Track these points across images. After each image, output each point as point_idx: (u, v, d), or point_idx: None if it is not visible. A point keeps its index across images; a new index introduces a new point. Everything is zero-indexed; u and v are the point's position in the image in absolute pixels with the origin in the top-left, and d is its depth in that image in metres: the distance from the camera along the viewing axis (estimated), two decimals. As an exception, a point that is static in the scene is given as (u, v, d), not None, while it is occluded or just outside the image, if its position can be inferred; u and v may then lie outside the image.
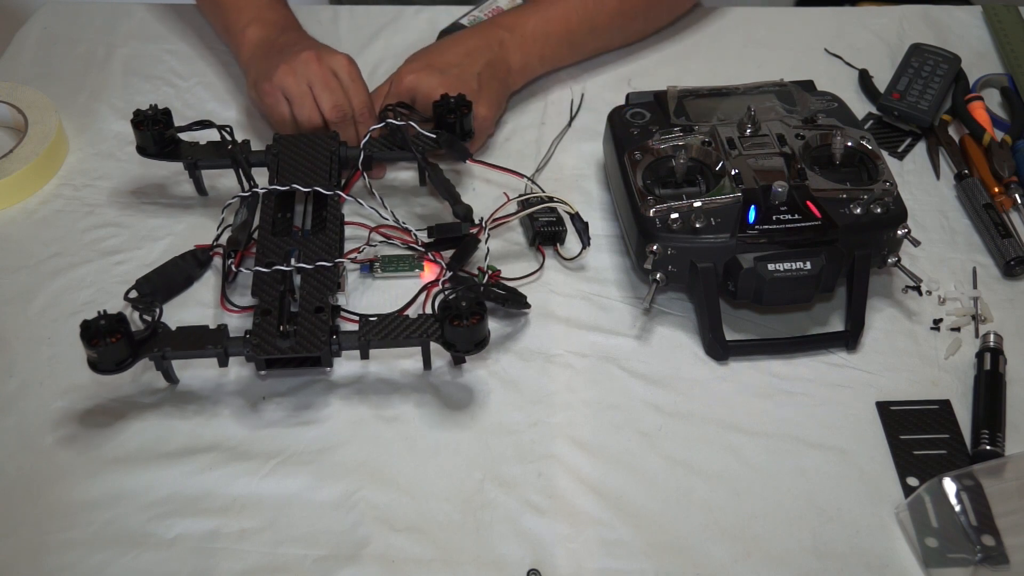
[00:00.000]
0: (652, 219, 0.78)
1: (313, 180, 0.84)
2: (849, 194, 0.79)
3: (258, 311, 0.75)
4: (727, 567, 0.68)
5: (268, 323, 0.74)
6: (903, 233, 0.79)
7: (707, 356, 0.80)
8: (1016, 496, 0.69)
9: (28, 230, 0.91)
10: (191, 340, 0.74)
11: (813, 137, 0.84)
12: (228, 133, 0.88)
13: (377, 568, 0.68)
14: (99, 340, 0.71)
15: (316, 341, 0.73)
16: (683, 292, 0.84)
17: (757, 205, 0.78)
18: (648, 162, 0.83)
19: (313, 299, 0.76)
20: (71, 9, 1.15)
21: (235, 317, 0.82)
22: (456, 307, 0.72)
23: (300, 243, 0.81)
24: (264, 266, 0.78)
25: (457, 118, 0.87)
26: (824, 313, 0.83)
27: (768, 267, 0.76)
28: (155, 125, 0.86)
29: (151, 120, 0.86)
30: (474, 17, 1.05)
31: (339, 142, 0.88)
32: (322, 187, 0.84)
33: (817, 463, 0.74)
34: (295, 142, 0.88)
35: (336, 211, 0.83)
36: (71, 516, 0.71)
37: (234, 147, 0.87)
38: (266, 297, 0.76)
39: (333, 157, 0.87)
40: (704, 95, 0.90)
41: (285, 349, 0.73)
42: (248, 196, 0.84)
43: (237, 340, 0.74)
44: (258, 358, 0.74)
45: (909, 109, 0.98)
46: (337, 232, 0.82)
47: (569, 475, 0.73)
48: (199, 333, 0.75)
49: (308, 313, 0.75)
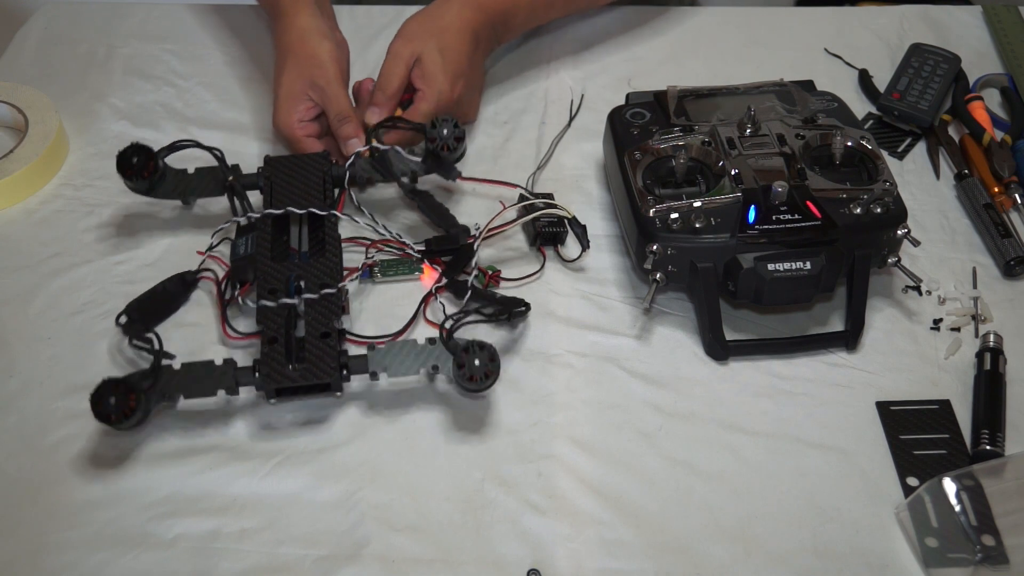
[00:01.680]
0: (652, 219, 0.78)
1: (306, 201, 0.83)
2: (849, 194, 0.79)
3: (264, 339, 0.75)
4: (727, 567, 0.68)
5: (275, 351, 0.74)
6: (903, 233, 0.79)
7: (707, 356, 0.80)
8: (1016, 496, 0.69)
9: (28, 230, 0.91)
10: (200, 381, 0.73)
11: (813, 137, 0.84)
12: (218, 156, 0.86)
13: (377, 568, 0.68)
14: (115, 417, 0.70)
15: (326, 368, 0.73)
16: (683, 292, 0.84)
17: (757, 205, 0.78)
18: (648, 162, 0.83)
19: (319, 324, 0.76)
20: (71, 9, 1.15)
21: (234, 341, 0.81)
22: (470, 367, 0.72)
23: (301, 268, 0.79)
24: (268, 296, 0.77)
25: (447, 150, 0.84)
26: (824, 313, 0.83)
27: (768, 267, 0.76)
28: (143, 169, 0.83)
29: (138, 166, 0.82)
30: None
31: (330, 162, 0.87)
32: (316, 208, 0.82)
33: (817, 463, 0.74)
34: (286, 164, 0.86)
35: (334, 232, 0.82)
36: (71, 516, 0.71)
37: (234, 179, 0.85)
38: (271, 325, 0.76)
39: (325, 177, 0.85)
40: (704, 95, 0.90)
41: (296, 378, 0.73)
42: (247, 227, 0.83)
43: (246, 371, 0.74)
44: (269, 388, 0.74)
45: (909, 109, 0.98)
46: (336, 254, 0.81)
47: (569, 475, 0.73)
48: (207, 371, 0.74)
49: (315, 339, 0.75)
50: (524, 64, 1.07)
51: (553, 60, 1.08)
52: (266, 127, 0.99)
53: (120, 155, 0.83)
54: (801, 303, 0.82)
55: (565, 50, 1.09)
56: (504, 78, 1.06)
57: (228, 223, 0.84)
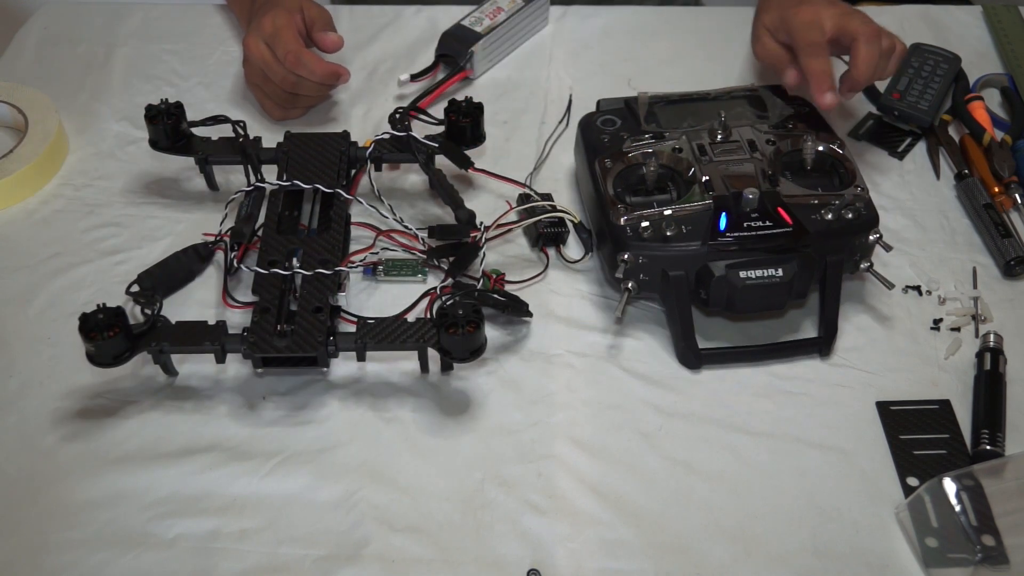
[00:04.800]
0: (623, 227, 0.78)
1: (321, 179, 0.84)
2: (820, 200, 0.79)
3: (257, 309, 0.75)
4: (727, 567, 0.68)
5: (266, 321, 0.74)
6: (875, 238, 0.79)
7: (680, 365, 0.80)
8: (1016, 496, 0.69)
9: (28, 230, 0.91)
10: (189, 335, 0.74)
11: (784, 143, 0.84)
12: (241, 128, 0.88)
13: (377, 568, 0.68)
14: (97, 334, 0.71)
15: (313, 341, 0.73)
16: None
17: (728, 212, 0.77)
18: (619, 170, 0.83)
19: (313, 299, 0.76)
20: (71, 9, 1.15)
21: (236, 313, 0.82)
22: (453, 315, 0.72)
23: (304, 242, 0.81)
24: (265, 266, 0.78)
25: (470, 123, 0.86)
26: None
27: (740, 274, 0.76)
28: (168, 119, 0.86)
29: (164, 114, 0.86)
30: (475, 18, 1.05)
31: (350, 142, 0.88)
32: (328, 186, 0.84)
33: (817, 463, 0.74)
34: (305, 140, 0.88)
35: (341, 211, 0.83)
36: (71, 516, 0.71)
37: (245, 140, 0.87)
38: (266, 295, 0.76)
39: (342, 156, 0.87)
40: (675, 101, 0.89)
41: (281, 348, 0.73)
42: (252, 190, 0.84)
43: (235, 337, 0.74)
44: (254, 356, 0.74)
45: (909, 109, 0.98)
46: (341, 232, 0.82)
47: (569, 475, 0.73)
48: (197, 328, 0.75)
49: (307, 313, 0.75)
50: (524, 64, 1.07)
51: (553, 60, 1.08)
52: (267, 127, 0.99)
53: (150, 105, 0.87)
54: (774, 310, 0.81)
55: (565, 50, 1.09)
56: (504, 78, 1.06)
57: (238, 192, 0.85)
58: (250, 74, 0.97)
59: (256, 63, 0.94)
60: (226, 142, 0.89)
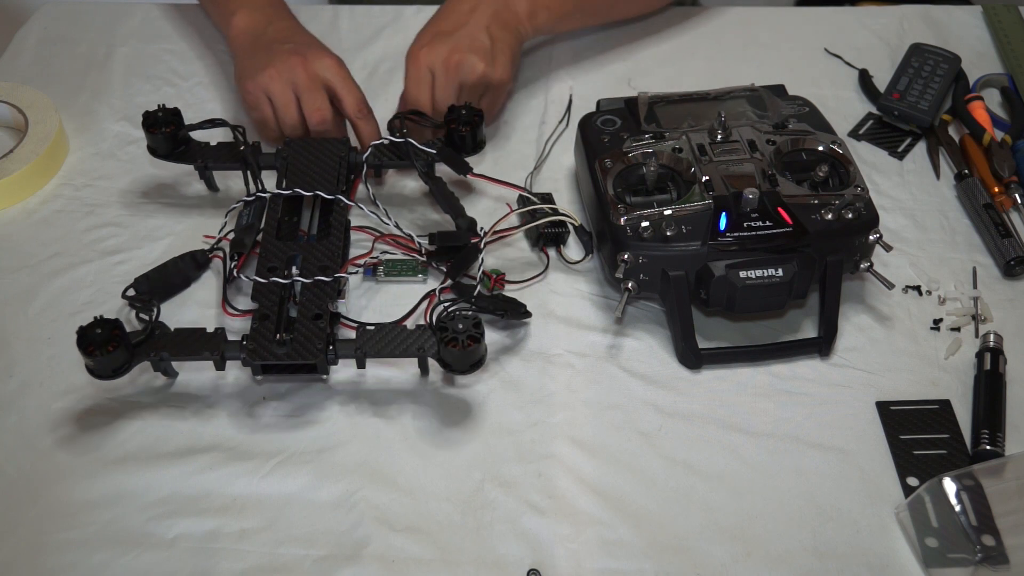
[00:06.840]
0: (623, 227, 0.78)
1: (320, 185, 0.84)
2: (820, 200, 0.79)
3: (257, 316, 0.75)
4: (727, 567, 0.68)
5: (266, 328, 0.74)
6: (875, 238, 0.79)
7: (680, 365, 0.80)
8: (1016, 496, 0.69)
9: (28, 230, 0.91)
10: (188, 343, 0.74)
11: (784, 143, 0.83)
12: (241, 134, 0.87)
13: (377, 568, 0.68)
14: (95, 349, 0.70)
15: (312, 349, 0.73)
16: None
17: (728, 212, 0.77)
18: (619, 170, 0.83)
19: (312, 306, 0.76)
20: (71, 9, 1.15)
21: (235, 320, 0.81)
22: (453, 330, 0.71)
23: (304, 249, 0.80)
24: (264, 274, 0.78)
25: (469, 130, 0.86)
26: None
27: (740, 274, 0.76)
28: (166, 127, 0.86)
29: (162, 122, 0.86)
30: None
31: (349, 148, 0.88)
32: (328, 192, 0.83)
33: (817, 463, 0.74)
34: (305, 146, 0.87)
35: (341, 217, 0.83)
36: (71, 516, 0.71)
37: (245, 148, 0.87)
38: (266, 302, 0.76)
39: (342, 163, 0.86)
40: (675, 101, 0.89)
41: (281, 356, 0.73)
42: (253, 201, 0.84)
43: (234, 344, 0.74)
44: (254, 363, 0.74)
45: (909, 109, 0.98)
46: (340, 239, 0.81)
47: (569, 475, 0.73)
48: (196, 336, 0.75)
49: (306, 320, 0.75)
50: (524, 64, 1.07)
51: (553, 60, 1.08)
52: (266, 127, 0.99)
53: (147, 113, 0.86)
54: (773, 310, 0.81)
55: (565, 50, 1.09)
56: (504, 78, 1.06)
57: (239, 202, 0.85)
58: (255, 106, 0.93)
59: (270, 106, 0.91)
60: (225, 148, 0.88)
